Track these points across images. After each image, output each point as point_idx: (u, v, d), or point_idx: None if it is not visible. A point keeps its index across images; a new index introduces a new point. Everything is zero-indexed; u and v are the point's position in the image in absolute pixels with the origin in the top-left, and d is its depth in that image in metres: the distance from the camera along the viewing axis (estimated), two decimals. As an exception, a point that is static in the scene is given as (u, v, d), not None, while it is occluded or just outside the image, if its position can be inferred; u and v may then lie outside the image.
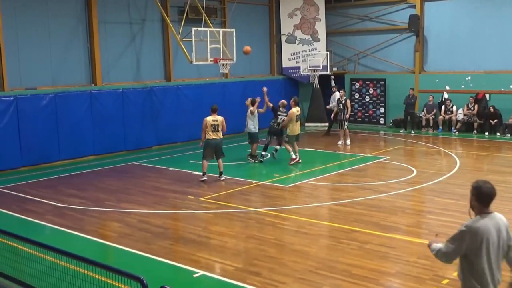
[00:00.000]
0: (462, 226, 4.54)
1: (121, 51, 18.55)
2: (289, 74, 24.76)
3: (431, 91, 21.80)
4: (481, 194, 4.62)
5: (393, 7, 22.81)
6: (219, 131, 13.56)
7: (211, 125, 13.44)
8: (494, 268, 4.50)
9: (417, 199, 11.79)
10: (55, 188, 13.31)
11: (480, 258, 4.45)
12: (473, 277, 4.51)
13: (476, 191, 4.66)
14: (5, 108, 15.11)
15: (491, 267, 4.49)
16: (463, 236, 4.48)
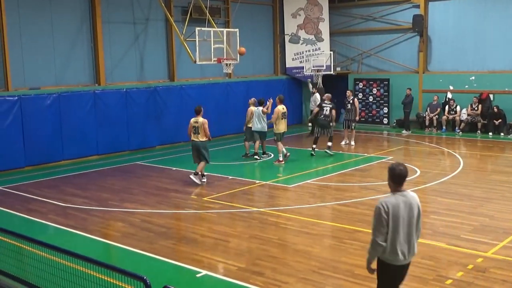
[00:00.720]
0: (377, 203, 5.17)
1: (124, 51, 18.58)
2: (292, 74, 24.75)
3: (435, 91, 21.76)
4: (394, 175, 5.21)
5: (397, 7, 22.77)
6: (199, 133, 13.16)
7: (192, 127, 13.32)
8: (404, 241, 5.13)
9: (420, 199, 11.65)
10: (59, 187, 13.34)
11: (393, 232, 5.08)
12: (386, 248, 5.13)
13: (390, 172, 5.23)
14: (9, 107, 15.15)
15: (402, 240, 5.12)
16: (380, 211, 5.12)
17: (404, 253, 5.18)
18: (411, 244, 5.21)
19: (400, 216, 5.11)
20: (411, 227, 5.19)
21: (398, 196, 5.19)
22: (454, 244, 8.56)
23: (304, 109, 25.54)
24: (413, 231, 5.23)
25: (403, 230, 5.14)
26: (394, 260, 5.20)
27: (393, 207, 5.11)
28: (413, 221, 5.20)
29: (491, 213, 10.36)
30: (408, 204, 5.19)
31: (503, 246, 8.44)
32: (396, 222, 5.10)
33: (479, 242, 8.62)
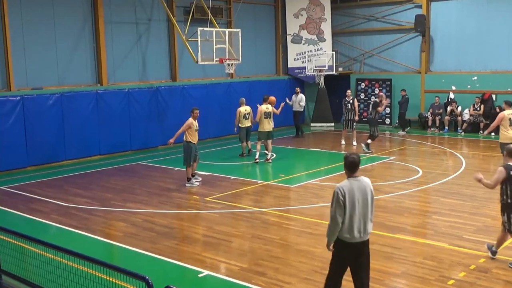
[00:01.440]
0: (335, 188, 5.77)
1: (127, 51, 18.59)
2: (294, 74, 24.74)
3: (437, 91, 21.74)
4: (347, 163, 5.86)
5: (399, 7, 22.75)
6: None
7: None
8: (360, 220, 5.74)
9: (423, 200, 11.75)
10: (61, 187, 13.35)
11: (350, 213, 5.70)
12: (342, 228, 5.75)
13: (344, 161, 5.90)
14: (11, 108, 15.18)
15: (356, 219, 5.73)
16: (337, 195, 5.73)
17: (360, 231, 5.76)
18: (366, 223, 5.81)
19: (355, 198, 5.73)
20: (365, 208, 5.79)
21: (352, 181, 5.79)
22: (456, 244, 8.55)
23: (306, 109, 25.50)
24: (368, 212, 5.81)
25: (359, 211, 5.75)
26: (351, 238, 5.75)
27: (348, 191, 5.71)
28: (367, 203, 5.80)
29: (494, 213, 10.33)
30: (362, 188, 5.78)
31: (505, 246, 8.42)
32: (352, 204, 5.71)
33: (481, 242, 8.60)
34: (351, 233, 5.73)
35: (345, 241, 5.78)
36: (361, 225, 5.76)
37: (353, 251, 5.81)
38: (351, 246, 5.78)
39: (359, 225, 5.75)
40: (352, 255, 5.84)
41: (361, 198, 5.76)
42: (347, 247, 5.80)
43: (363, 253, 5.87)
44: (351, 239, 5.76)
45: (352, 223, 5.72)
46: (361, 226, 5.76)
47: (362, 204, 5.77)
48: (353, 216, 5.71)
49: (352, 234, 5.74)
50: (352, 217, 5.71)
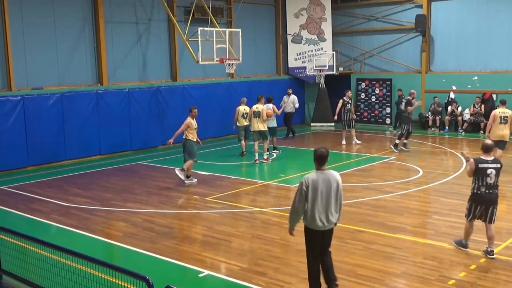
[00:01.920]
0: (302, 179, 6.28)
1: (127, 51, 18.59)
2: (295, 74, 24.74)
3: (437, 91, 21.73)
4: (316, 156, 6.37)
5: (399, 6, 22.75)
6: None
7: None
8: (322, 210, 6.23)
9: (423, 200, 11.74)
10: (61, 187, 13.36)
11: (312, 202, 6.21)
12: (307, 216, 6.29)
13: (314, 154, 6.39)
14: (12, 107, 15.18)
15: (320, 209, 6.23)
16: (301, 186, 6.25)
17: (323, 220, 6.28)
18: (329, 213, 6.30)
19: (318, 189, 6.22)
20: (329, 199, 6.28)
21: (318, 173, 6.33)
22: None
23: (306, 109, 25.53)
24: (331, 203, 6.30)
25: (322, 201, 6.24)
26: (314, 225, 6.31)
27: (313, 181, 6.23)
28: (331, 194, 6.28)
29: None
30: (327, 181, 6.28)
31: (506, 246, 8.43)
32: (315, 194, 6.21)
33: (482, 242, 8.59)
34: (314, 222, 6.30)
35: (310, 228, 6.38)
36: (323, 215, 6.27)
37: (318, 238, 6.41)
38: (316, 233, 6.39)
39: (320, 215, 6.26)
40: (318, 241, 6.44)
41: (325, 190, 6.25)
42: (313, 234, 6.41)
43: (326, 239, 6.48)
44: (315, 227, 6.34)
45: (314, 213, 6.25)
46: (323, 216, 6.27)
47: (326, 195, 6.26)
48: (315, 206, 6.23)
49: (315, 223, 6.30)
50: (314, 207, 6.24)
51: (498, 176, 8.03)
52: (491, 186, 8.00)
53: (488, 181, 7.96)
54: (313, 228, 6.35)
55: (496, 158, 8.19)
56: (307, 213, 6.30)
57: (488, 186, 7.98)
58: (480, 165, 7.97)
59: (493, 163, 8.00)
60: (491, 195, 8.02)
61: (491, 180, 7.96)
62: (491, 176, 7.94)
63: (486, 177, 7.94)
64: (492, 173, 7.95)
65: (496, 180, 8.02)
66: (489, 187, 7.98)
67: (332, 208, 6.32)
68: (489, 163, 7.97)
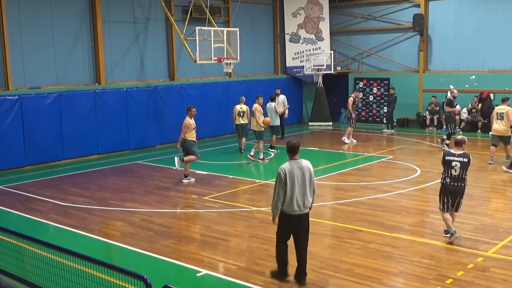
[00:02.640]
0: (278, 169, 6.85)
1: (125, 50, 18.57)
2: (293, 73, 24.75)
3: (435, 90, 21.76)
4: (288, 147, 6.99)
5: (397, 6, 22.77)
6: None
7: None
8: (298, 196, 6.82)
9: (421, 199, 11.76)
10: (59, 187, 13.34)
11: (291, 190, 6.78)
12: (285, 202, 6.82)
13: (286, 145, 7.02)
14: (9, 107, 15.15)
15: (297, 195, 6.82)
16: (280, 175, 6.83)
17: (299, 205, 6.86)
18: (304, 199, 6.90)
19: (294, 177, 6.81)
20: (304, 185, 6.88)
21: (292, 163, 6.92)
22: (454, 243, 8.55)
23: (304, 108, 25.55)
24: (307, 189, 6.89)
25: (298, 188, 6.83)
26: (291, 210, 6.86)
27: (289, 171, 6.83)
28: (305, 181, 6.89)
29: (491, 212, 10.37)
30: (301, 168, 6.88)
31: (503, 245, 8.45)
32: (292, 182, 6.81)
33: (479, 241, 8.62)
34: (291, 207, 6.84)
35: (286, 213, 6.89)
36: (299, 200, 6.84)
37: (293, 222, 6.92)
38: (292, 217, 6.89)
39: (297, 200, 6.83)
40: (293, 225, 6.94)
41: (300, 177, 6.86)
42: (289, 218, 6.92)
43: (302, 224, 6.98)
44: (291, 212, 6.87)
45: (291, 198, 6.81)
46: (300, 201, 6.85)
47: (301, 182, 6.87)
48: (293, 192, 6.80)
49: (292, 208, 6.84)
50: (292, 193, 6.80)
51: (464, 170, 8.37)
52: (456, 179, 8.41)
53: (453, 173, 8.41)
54: (290, 213, 6.87)
55: (465, 153, 8.47)
56: (286, 200, 6.85)
57: (452, 178, 8.42)
58: (447, 157, 8.47)
59: (459, 157, 8.39)
60: (456, 187, 8.45)
61: (456, 172, 8.39)
62: (456, 169, 8.37)
63: (451, 169, 8.41)
64: (457, 165, 8.36)
65: (461, 173, 8.37)
66: (453, 179, 8.42)
67: (308, 194, 6.93)
68: (455, 157, 8.41)
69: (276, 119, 17.10)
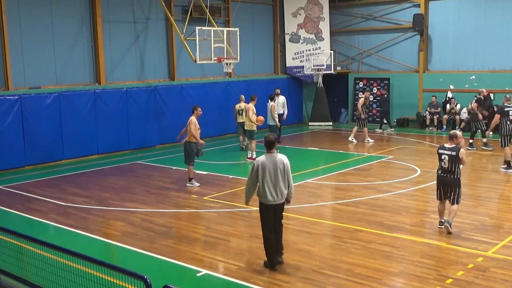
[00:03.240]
0: (254, 161, 7.62)
1: (125, 50, 18.57)
2: (293, 73, 24.74)
3: (435, 90, 21.75)
4: (265, 141, 7.66)
5: (397, 6, 22.76)
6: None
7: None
8: (271, 186, 7.47)
9: (421, 199, 11.75)
10: (59, 187, 13.34)
11: (262, 180, 7.48)
12: (260, 192, 7.57)
13: (264, 140, 7.68)
14: (9, 107, 15.15)
15: (269, 186, 7.47)
16: (254, 167, 7.57)
17: (273, 195, 7.49)
18: (277, 190, 7.49)
19: (266, 169, 7.47)
20: (276, 177, 7.48)
21: (268, 156, 7.58)
22: (454, 243, 8.56)
23: (304, 108, 25.54)
24: (279, 180, 7.49)
25: (270, 179, 7.47)
26: (266, 200, 7.54)
27: (262, 163, 7.50)
28: (278, 173, 7.48)
29: (492, 212, 10.36)
30: (274, 162, 7.50)
31: (503, 245, 8.45)
32: (264, 173, 7.47)
33: (479, 241, 8.62)
34: (265, 197, 7.51)
35: (263, 203, 7.60)
36: (272, 190, 7.47)
37: (270, 210, 7.59)
38: (268, 206, 7.57)
39: (270, 190, 7.47)
40: (270, 214, 7.60)
41: (273, 170, 7.49)
42: (266, 207, 7.59)
43: (278, 212, 7.64)
44: (267, 202, 7.54)
45: (265, 189, 7.48)
46: (273, 192, 7.48)
47: (274, 174, 7.48)
48: (265, 183, 7.46)
49: (267, 198, 7.51)
50: (264, 184, 7.47)
51: (453, 163, 8.79)
52: (446, 170, 8.91)
53: (442, 165, 8.93)
54: (265, 203, 7.56)
55: (455, 147, 8.90)
56: (260, 190, 7.56)
57: (443, 170, 8.96)
58: (439, 151, 9.05)
59: (449, 150, 8.88)
60: (446, 178, 8.93)
61: (445, 165, 8.88)
62: (445, 161, 8.88)
63: (441, 162, 8.98)
64: (446, 158, 8.86)
65: (450, 166, 8.82)
66: (444, 170, 8.94)
67: (281, 185, 7.51)
68: (445, 150, 8.92)
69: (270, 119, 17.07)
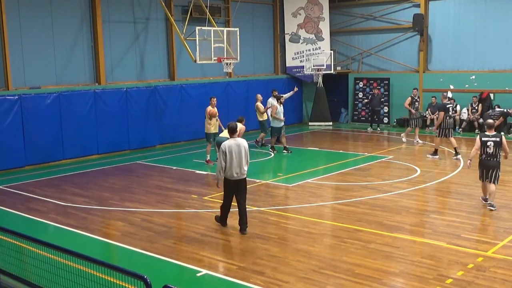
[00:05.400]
0: (222, 145, 9.19)
1: (125, 50, 18.57)
2: (293, 73, 24.74)
3: (435, 90, 21.74)
4: (229, 129, 9.44)
5: (397, 6, 22.76)
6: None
7: None
8: (235, 166, 9.12)
9: (421, 199, 11.76)
10: (59, 187, 13.34)
11: (229, 161, 9.08)
12: (226, 170, 9.16)
13: (227, 127, 9.50)
14: (9, 107, 15.15)
15: (234, 165, 9.11)
16: (222, 149, 9.14)
17: (237, 172, 9.17)
18: (240, 168, 9.18)
19: (233, 151, 9.10)
20: (240, 158, 9.14)
21: (232, 140, 9.26)
22: (454, 243, 8.57)
23: (304, 108, 25.54)
24: (242, 160, 9.16)
25: (236, 159, 9.11)
26: (231, 176, 9.18)
27: (228, 146, 9.13)
28: (241, 155, 9.15)
29: (492, 212, 10.36)
30: (237, 145, 9.16)
31: (503, 245, 8.45)
32: (230, 155, 9.10)
33: (479, 241, 8.62)
34: (231, 174, 9.16)
35: (228, 178, 9.22)
36: (237, 168, 9.12)
37: (234, 185, 9.25)
38: (232, 181, 9.23)
39: (235, 169, 9.12)
40: (234, 187, 9.26)
41: (237, 151, 9.12)
42: (229, 182, 9.26)
43: (241, 186, 9.29)
44: (231, 177, 9.19)
45: (231, 168, 9.11)
46: (238, 169, 9.14)
47: (238, 155, 9.12)
48: (231, 163, 9.08)
49: (232, 174, 9.17)
50: (231, 164, 9.08)
51: (497, 147, 10.26)
52: (490, 155, 10.34)
53: (488, 150, 10.33)
54: (230, 178, 9.20)
55: (497, 134, 10.49)
56: (227, 168, 9.13)
57: (487, 154, 10.35)
58: (483, 139, 10.39)
59: (493, 137, 10.34)
60: (490, 161, 10.37)
61: (490, 150, 10.31)
62: (490, 147, 10.30)
63: (486, 148, 10.33)
64: (491, 144, 10.28)
65: (494, 150, 10.27)
66: (488, 155, 10.35)
67: (243, 164, 9.19)
68: (489, 137, 10.35)
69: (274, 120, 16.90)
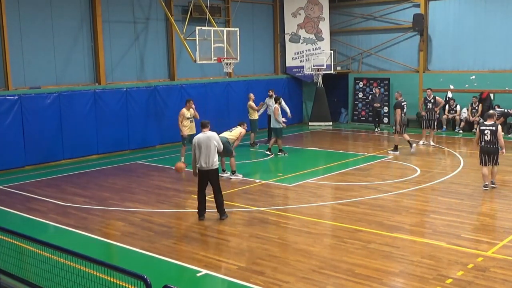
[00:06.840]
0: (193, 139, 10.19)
1: (125, 50, 18.57)
2: (293, 73, 24.74)
3: (435, 90, 21.65)
4: (201, 123, 10.29)
5: (397, 6, 22.76)
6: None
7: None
8: (205, 157, 9.90)
9: (421, 199, 11.75)
10: (59, 187, 13.34)
11: (199, 152, 9.94)
12: (197, 161, 9.97)
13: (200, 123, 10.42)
14: (9, 107, 15.15)
15: (203, 156, 9.90)
16: (193, 142, 10.07)
17: (206, 163, 9.92)
18: (209, 159, 9.92)
19: (202, 144, 9.91)
20: (208, 150, 9.90)
21: (202, 134, 10.07)
22: (454, 243, 8.57)
23: (304, 108, 25.54)
24: (210, 152, 9.91)
25: (205, 151, 9.89)
26: (201, 167, 9.97)
27: (198, 139, 9.99)
28: (210, 147, 9.92)
29: (492, 212, 10.37)
30: (207, 138, 9.96)
31: (503, 245, 8.45)
32: (199, 147, 9.92)
33: (479, 241, 8.62)
34: (201, 164, 9.93)
35: (200, 169, 10.02)
36: (206, 159, 9.88)
37: (204, 174, 10.01)
38: (203, 171, 10.01)
39: (204, 159, 9.89)
40: (205, 177, 10.02)
41: (206, 144, 9.89)
42: (201, 172, 10.03)
43: (211, 175, 10.00)
44: (202, 168, 9.96)
45: (201, 159, 9.90)
46: (207, 160, 9.89)
47: (207, 147, 9.88)
48: (201, 154, 9.89)
49: (201, 165, 9.93)
50: (201, 155, 9.89)
51: (493, 135, 11.41)
52: (488, 142, 11.54)
53: (486, 138, 11.54)
54: (200, 169, 9.98)
55: (494, 123, 11.59)
56: (198, 159, 9.95)
57: (486, 142, 11.56)
58: (481, 127, 11.66)
59: (490, 126, 11.54)
60: (489, 148, 11.57)
61: (488, 137, 11.51)
62: (487, 135, 11.50)
63: (484, 136, 11.56)
64: (488, 132, 11.49)
65: (491, 138, 11.45)
66: (486, 142, 11.56)
67: (211, 155, 9.90)
68: (487, 126, 11.58)
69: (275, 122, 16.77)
